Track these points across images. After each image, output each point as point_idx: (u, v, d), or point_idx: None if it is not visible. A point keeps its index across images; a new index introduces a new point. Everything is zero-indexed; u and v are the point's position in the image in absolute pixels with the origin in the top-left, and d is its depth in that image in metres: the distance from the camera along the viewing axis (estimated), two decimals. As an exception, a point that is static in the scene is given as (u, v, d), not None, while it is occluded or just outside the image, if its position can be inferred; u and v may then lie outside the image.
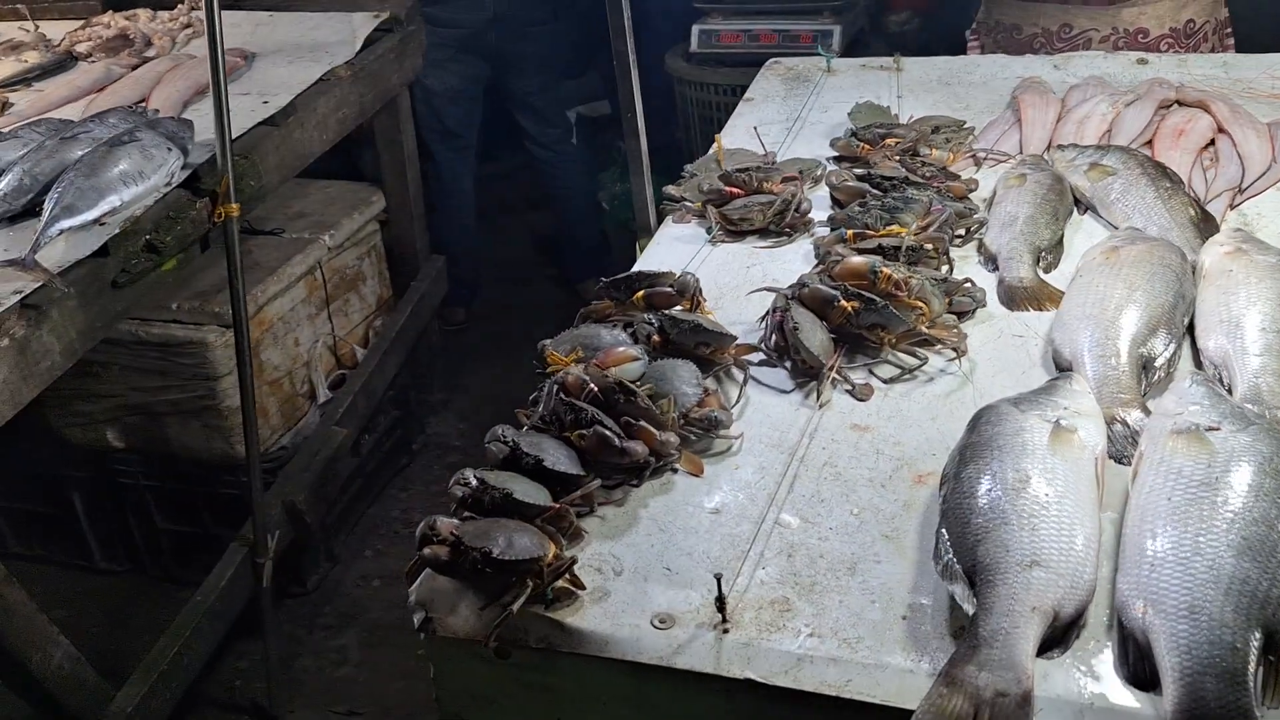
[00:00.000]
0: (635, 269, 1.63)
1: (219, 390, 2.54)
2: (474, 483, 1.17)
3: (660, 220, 1.93)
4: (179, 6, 2.89)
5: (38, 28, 2.88)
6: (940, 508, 1.08)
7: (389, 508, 3.28)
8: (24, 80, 2.50)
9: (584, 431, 1.20)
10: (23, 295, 1.62)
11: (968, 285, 1.50)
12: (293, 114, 2.27)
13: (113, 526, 2.87)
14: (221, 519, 2.77)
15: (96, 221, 1.79)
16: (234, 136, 2.03)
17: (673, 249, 1.75)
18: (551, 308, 4.43)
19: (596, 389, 1.24)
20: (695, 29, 3.44)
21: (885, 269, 1.39)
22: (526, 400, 1.37)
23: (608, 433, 1.18)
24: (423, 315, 3.26)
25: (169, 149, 1.93)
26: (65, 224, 1.74)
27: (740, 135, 2.14)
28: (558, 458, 1.18)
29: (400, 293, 3.25)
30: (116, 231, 1.80)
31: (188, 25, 2.81)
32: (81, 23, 2.86)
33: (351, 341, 3.07)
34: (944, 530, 1.04)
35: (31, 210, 1.84)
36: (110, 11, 2.87)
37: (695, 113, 3.49)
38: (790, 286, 1.44)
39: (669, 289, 1.46)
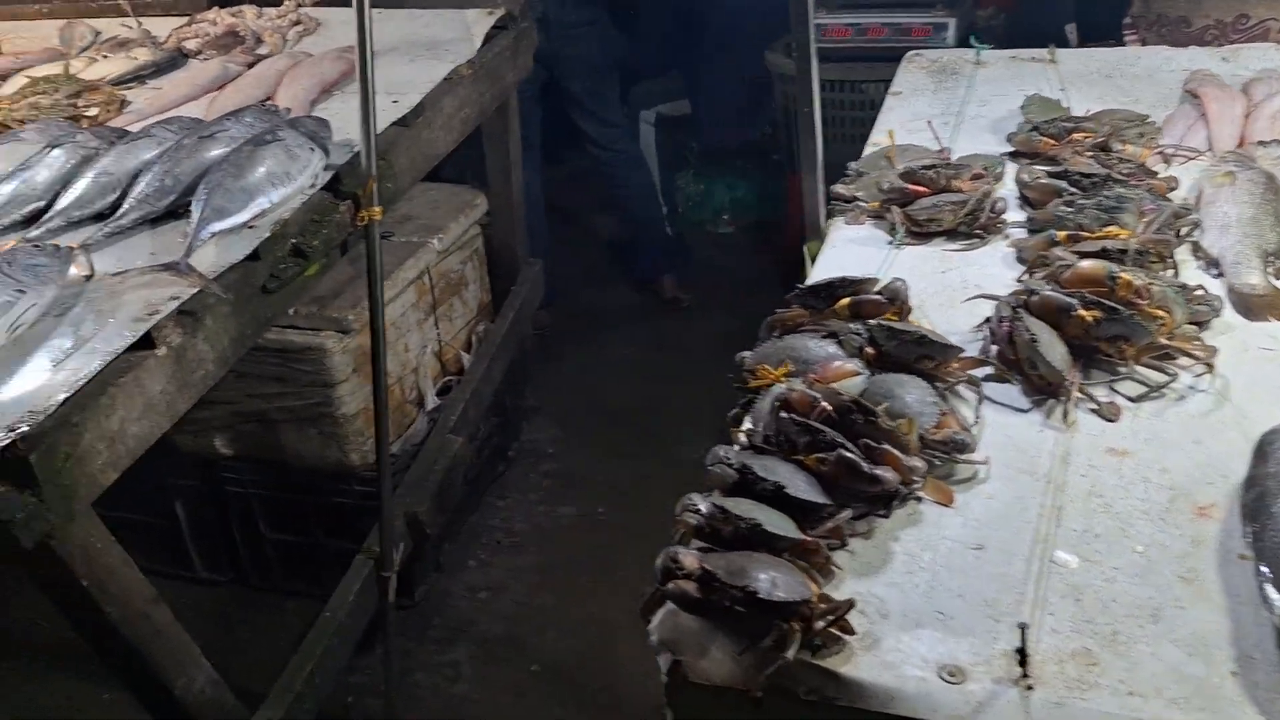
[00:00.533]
0: (822, 276, 1.52)
1: (335, 397, 2.47)
2: (708, 510, 1.07)
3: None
4: (285, 3, 2.82)
5: (140, 24, 2.82)
6: (1251, 546, 0.96)
7: (488, 516, 3.20)
8: (137, 78, 2.44)
9: (824, 456, 1.10)
10: (180, 301, 1.54)
11: (1199, 292, 1.37)
12: (422, 114, 2.19)
13: (216, 535, 2.82)
14: (331, 529, 2.71)
15: (246, 224, 1.71)
16: (369, 136, 1.96)
17: (851, 252, 1.65)
18: (628, 309, 4.35)
19: (830, 408, 1.14)
20: (801, 24, 3.32)
21: (1124, 274, 1.27)
22: (620, 406, 1.26)
23: (854, 457, 1.08)
24: (523, 320, 3.17)
25: (311, 149, 1.85)
26: (216, 227, 1.66)
27: (892, 129, 2.02)
28: (798, 484, 1.08)
29: (498, 297, 3.18)
30: (267, 235, 1.72)
31: (297, 22, 2.73)
32: (185, 19, 2.80)
33: (456, 347, 2.99)
34: (1266, 571, 0.93)
35: (173, 212, 1.77)
36: (216, 8, 2.80)
37: (796, 111, 3.37)
38: (1012, 294, 1.33)
39: (877, 296, 1.35)
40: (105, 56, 2.58)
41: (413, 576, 2.77)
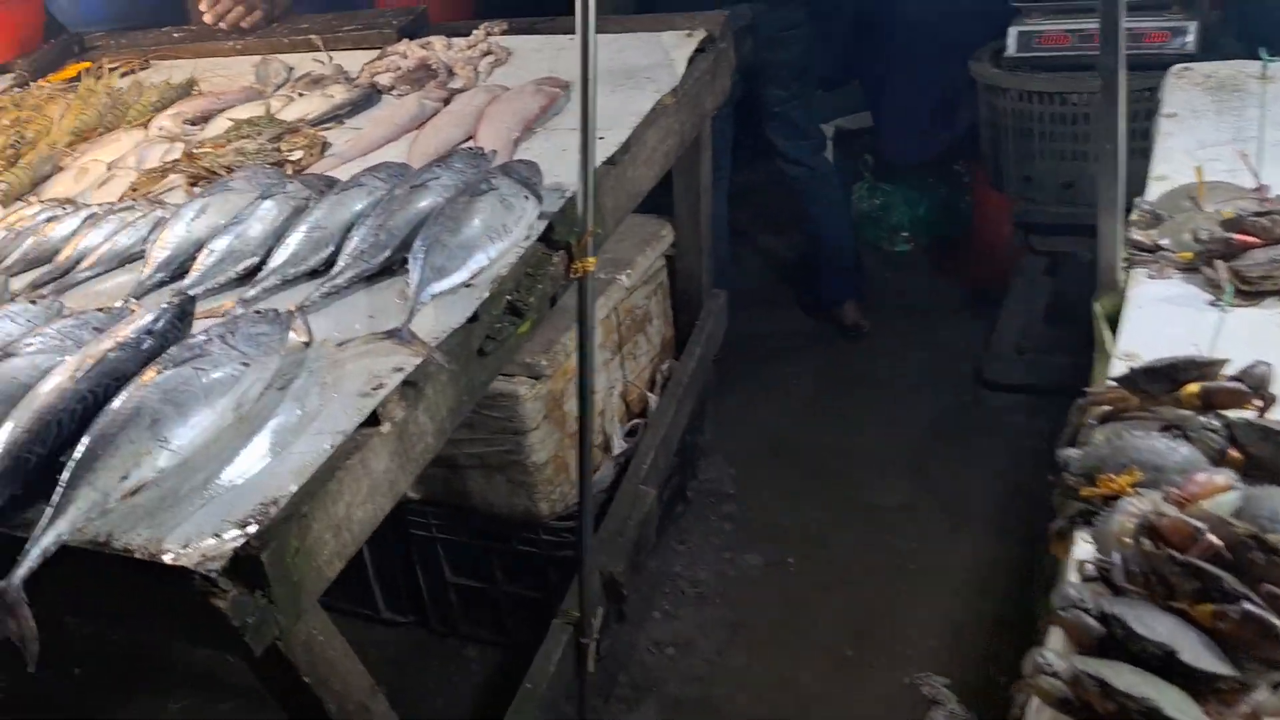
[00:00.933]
0: (1133, 344, 1.29)
1: (525, 445, 2.36)
2: (1074, 675, 0.86)
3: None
4: (474, 33, 2.73)
5: (332, 59, 2.79)
6: None
7: (670, 562, 3.05)
8: (335, 117, 2.38)
9: (1222, 608, 0.88)
10: (404, 373, 1.43)
11: None
12: (628, 150, 2.05)
13: (400, 577, 2.76)
14: (514, 575, 2.62)
15: (464, 283, 1.59)
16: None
17: (1162, 314, 1.41)
18: (802, 335, 4.13)
19: (1220, 543, 0.91)
20: (1013, 30, 3.05)
21: None
22: (799, 443, 1.05)
23: (1269, 618, 0.85)
24: (709, 356, 3.01)
25: (526, 197, 1.73)
26: (436, 288, 1.55)
27: (1176, 160, 1.76)
28: (1194, 647, 0.86)
29: (680, 331, 3.02)
30: (486, 295, 1.60)
31: (488, 53, 2.64)
32: (376, 53, 2.74)
33: (640, 386, 2.84)
34: None
35: (387, 269, 1.67)
36: (405, 40, 2.74)
37: (1009, 124, 3.10)
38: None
39: (1236, 384, 1.11)
40: (300, 94, 2.54)
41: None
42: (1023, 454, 3.34)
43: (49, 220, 1.94)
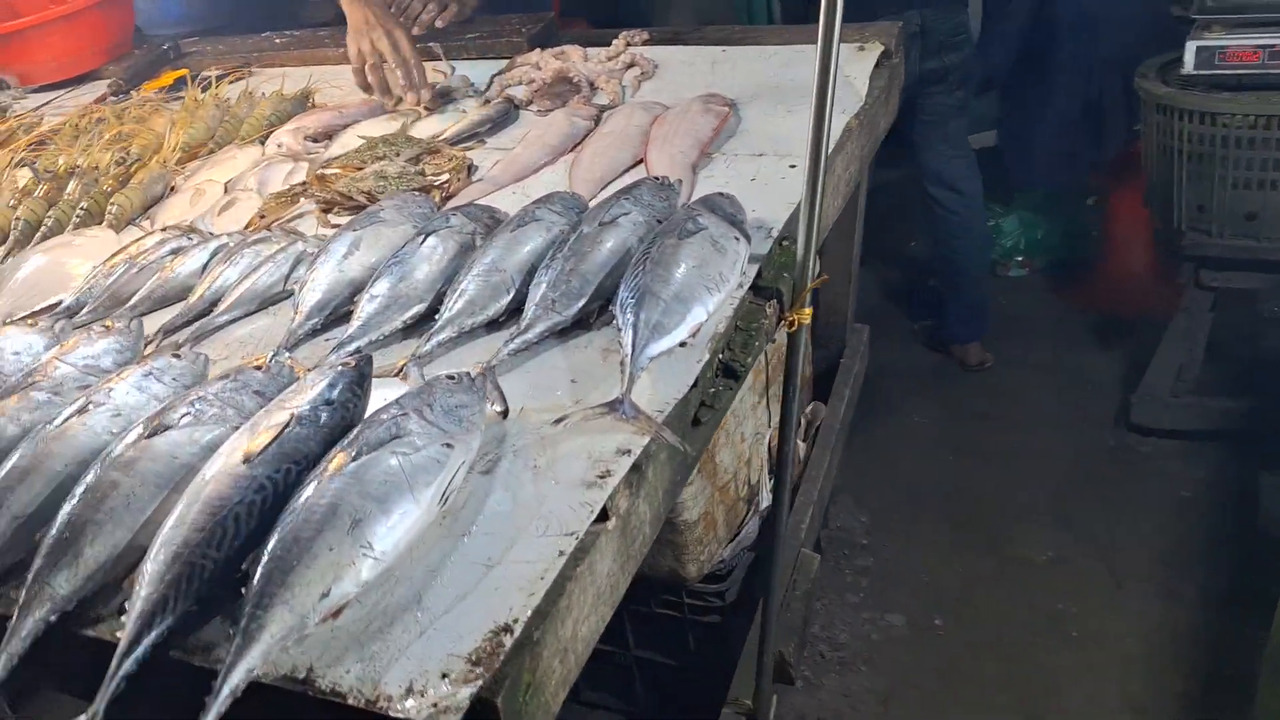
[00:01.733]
0: None
1: (678, 501, 2.11)
2: None
3: None
4: (614, 43, 2.50)
5: (454, 70, 2.56)
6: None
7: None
8: (474, 136, 2.15)
9: None
10: (632, 457, 1.19)
11: None
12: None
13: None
14: (648, 641, 2.38)
15: (682, 343, 1.35)
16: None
17: None
18: (923, 370, 3.85)
19: None
20: (1191, 45, 2.77)
21: None
22: (931, 488, 0.80)
23: None
24: (855, 399, 2.75)
25: (736, 238, 1.48)
26: (655, 350, 1.30)
27: None
28: None
29: (820, 367, 2.77)
30: (706, 357, 1.35)
31: (631, 65, 2.40)
32: (504, 63, 2.52)
33: (785, 431, 2.59)
34: None
35: (581, 320, 1.43)
36: (538, 50, 2.51)
37: (1185, 149, 2.82)
38: None
39: None
40: (427, 110, 2.31)
41: (741, 701, 2.40)
42: (1181, 506, 3.06)
43: (173, 253, 1.72)
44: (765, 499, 2.47)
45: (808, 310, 1.52)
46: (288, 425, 1.17)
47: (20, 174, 2.16)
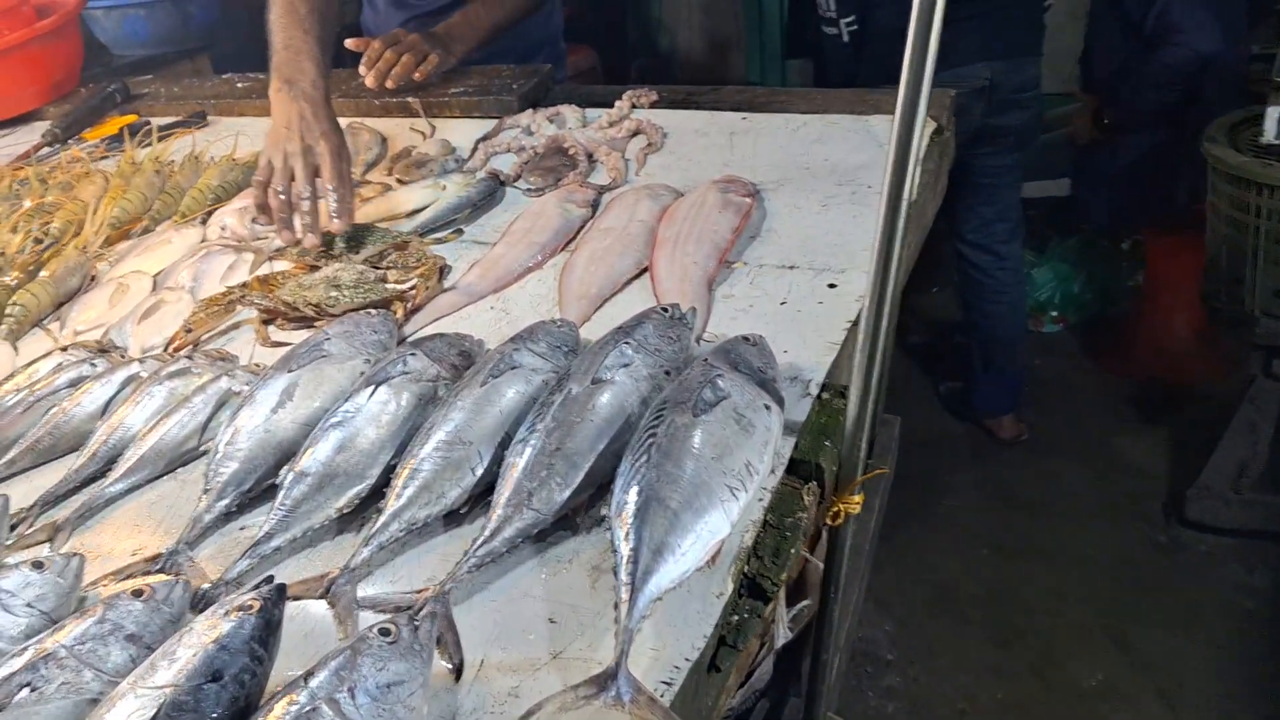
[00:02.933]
0: None
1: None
2: None
3: None
4: (617, 104, 2.17)
5: (434, 131, 2.24)
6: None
7: (821, 748, 2.47)
8: (452, 223, 1.82)
9: None
10: (628, 758, 0.87)
11: None
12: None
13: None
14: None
15: (697, 568, 1.02)
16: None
17: None
18: (951, 445, 3.53)
19: None
20: (1273, 112, 2.45)
21: None
22: (966, 589, 0.67)
23: None
24: (884, 503, 2.43)
25: (767, 406, 1.16)
26: (660, 585, 0.98)
27: None
28: None
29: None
30: (728, 589, 1.03)
31: (636, 132, 2.08)
32: (492, 124, 2.19)
33: (804, 552, 2.27)
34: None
35: (562, 518, 1.11)
36: (531, 110, 2.18)
37: (1263, 227, 2.49)
38: None
39: None
40: (400, 181, 1.99)
41: None
42: (1243, 619, 2.74)
43: (73, 385, 1.40)
44: (782, 634, 2.15)
45: (858, 498, 1.20)
46: (163, 702, 0.85)
47: (-80, 254, 1.84)
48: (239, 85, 2.58)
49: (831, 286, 1.48)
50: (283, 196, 1.69)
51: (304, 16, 1.85)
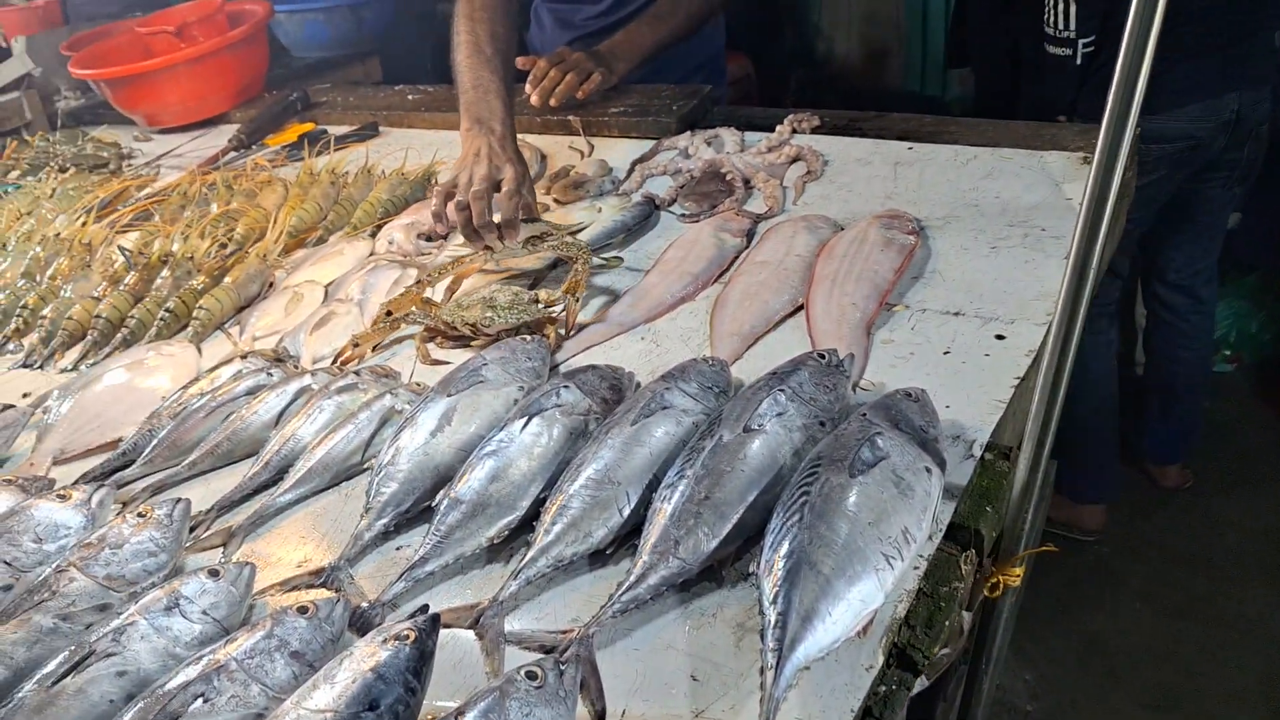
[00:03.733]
0: None
1: None
2: None
3: None
4: (778, 129, 2.15)
5: (592, 150, 2.26)
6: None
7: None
8: (607, 247, 1.84)
9: None
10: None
11: None
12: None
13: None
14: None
15: (851, 634, 1.00)
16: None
17: None
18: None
19: None
20: None
21: None
22: (1118, 645, 0.72)
23: None
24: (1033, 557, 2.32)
25: (927, 469, 1.12)
26: (808, 652, 0.96)
27: None
28: None
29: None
30: (879, 661, 1.00)
31: (795, 158, 2.05)
32: (650, 145, 2.20)
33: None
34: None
35: (706, 569, 1.10)
36: (690, 133, 2.18)
37: None
38: None
39: None
40: (557, 201, 2.03)
41: None
42: None
43: (251, 393, 1.48)
44: (919, 683, 2.09)
45: (1019, 570, 1.15)
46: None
47: (118, 251, 1.98)
48: (410, 97, 2.67)
49: (999, 338, 1.42)
50: (463, 207, 1.74)
51: (490, 57, 1.94)
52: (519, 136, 2.29)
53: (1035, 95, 2.90)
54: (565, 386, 1.33)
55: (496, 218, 1.76)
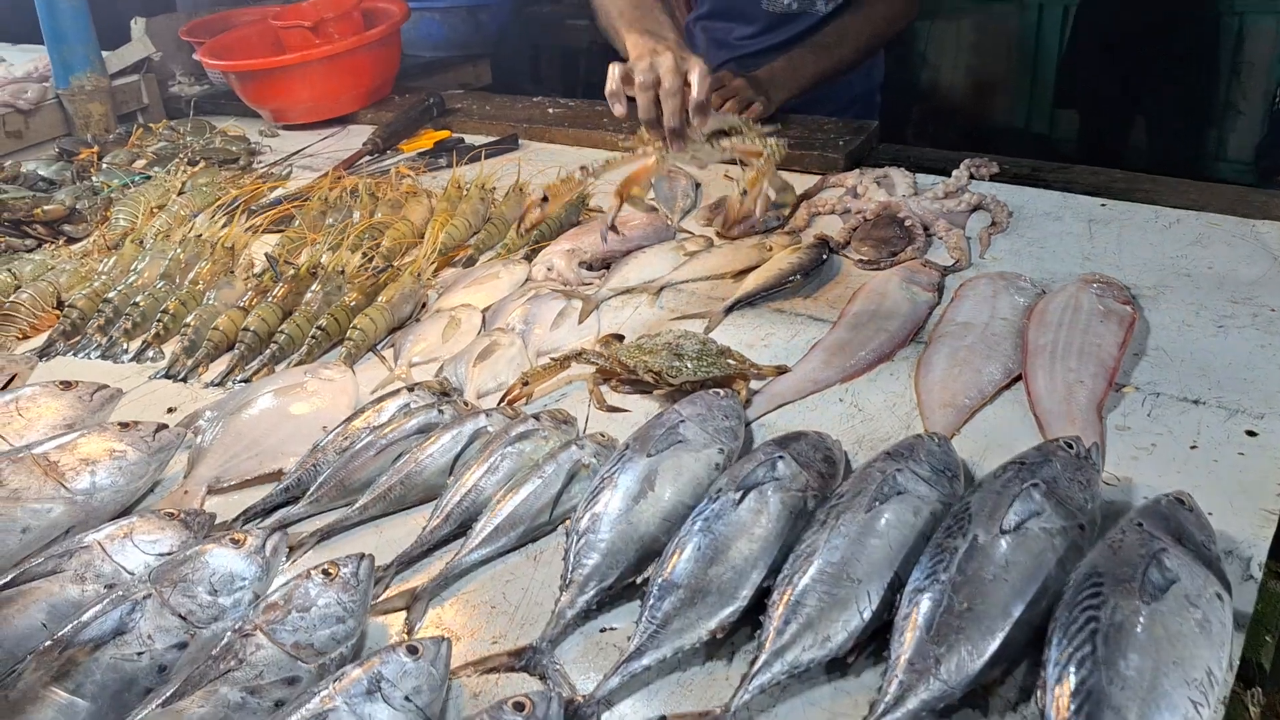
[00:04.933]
0: None
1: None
2: None
3: None
4: (955, 173, 2.02)
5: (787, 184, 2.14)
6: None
7: None
8: (780, 292, 1.72)
9: None
10: None
11: None
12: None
13: None
14: None
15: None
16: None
17: None
18: None
19: None
20: None
21: None
22: None
23: None
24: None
25: (1218, 595, 0.98)
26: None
27: None
28: None
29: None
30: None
31: (977, 207, 1.92)
32: (813, 180, 2.08)
33: None
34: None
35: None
36: (858, 171, 2.06)
37: None
38: None
39: None
40: (719, 235, 1.91)
41: None
42: None
43: (422, 431, 1.38)
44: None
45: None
46: None
47: (264, 258, 1.91)
48: (550, 111, 2.58)
49: (1251, 434, 1.28)
50: (647, 86, 1.59)
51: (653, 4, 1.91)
52: (679, 168, 2.17)
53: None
54: (780, 457, 1.21)
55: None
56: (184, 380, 1.66)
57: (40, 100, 2.84)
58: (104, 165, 2.47)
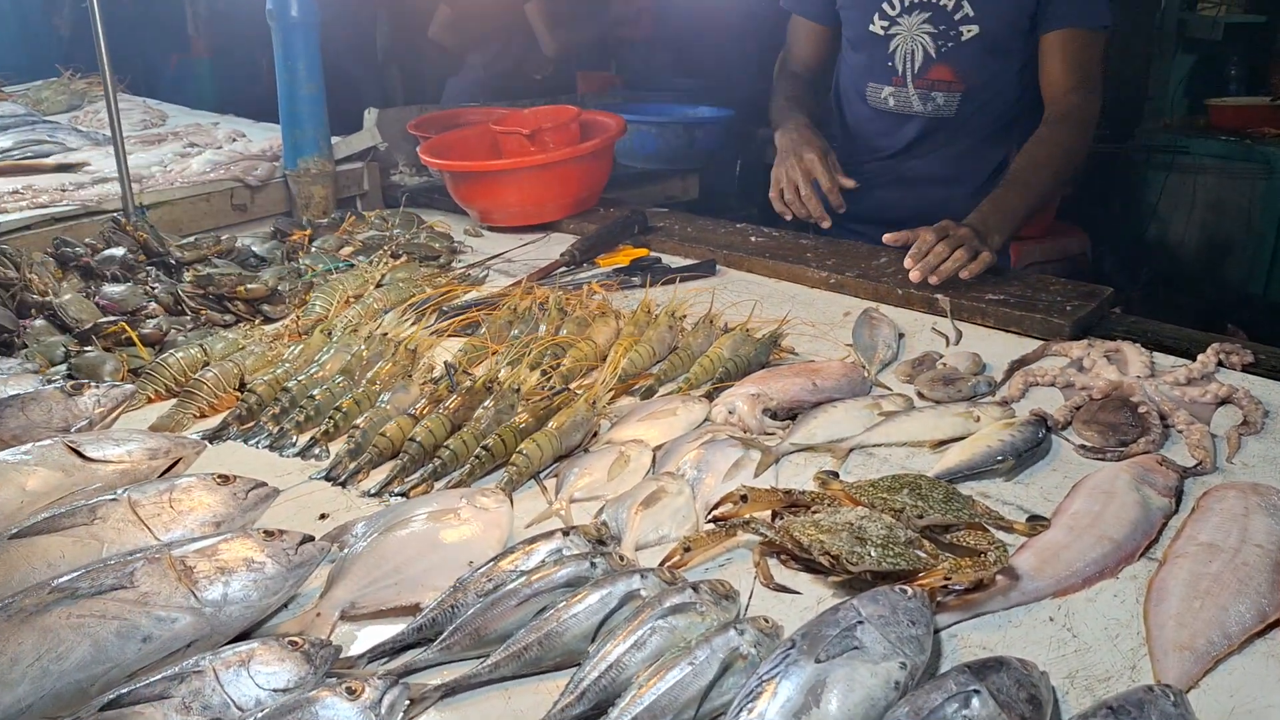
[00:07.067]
0: None
1: None
2: None
3: None
4: (1200, 358, 1.77)
5: (959, 336, 1.96)
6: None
7: None
8: (988, 472, 1.53)
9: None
10: None
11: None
12: None
13: None
14: None
15: None
16: None
17: None
18: None
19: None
20: None
21: None
22: None
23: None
24: None
25: None
26: None
27: None
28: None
29: None
30: None
31: (1224, 401, 1.67)
32: (1033, 346, 1.88)
33: None
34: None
35: None
36: (1087, 342, 1.84)
37: None
38: None
39: None
40: (920, 395, 1.74)
41: None
42: None
43: (571, 584, 1.27)
44: None
45: None
46: None
47: (443, 365, 1.88)
48: (752, 239, 2.50)
49: None
50: (787, 198, 2.40)
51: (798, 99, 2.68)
52: (875, 306, 2.05)
53: None
54: (976, 691, 1.02)
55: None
56: (343, 485, 1.62)
57: (268, 178, 3.01)
58: (313, 249, 2.56)
